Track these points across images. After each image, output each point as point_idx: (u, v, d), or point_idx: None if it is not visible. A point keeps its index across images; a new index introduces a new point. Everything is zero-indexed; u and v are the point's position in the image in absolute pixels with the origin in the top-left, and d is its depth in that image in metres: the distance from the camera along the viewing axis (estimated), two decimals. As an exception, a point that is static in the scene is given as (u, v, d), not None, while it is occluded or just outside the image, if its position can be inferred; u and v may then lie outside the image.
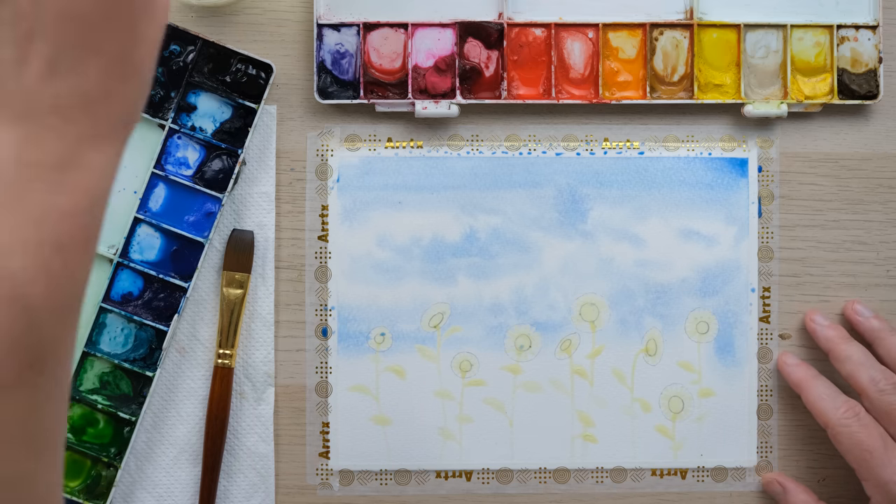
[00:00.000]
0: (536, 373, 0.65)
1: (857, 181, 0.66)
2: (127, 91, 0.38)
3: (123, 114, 0.39)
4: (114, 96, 0.38)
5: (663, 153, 0.66)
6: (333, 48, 0.64)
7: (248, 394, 0.64)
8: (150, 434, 0.64)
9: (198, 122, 0.63)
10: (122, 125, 0.39)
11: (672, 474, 0.65)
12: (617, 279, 0.65)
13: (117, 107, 0.38)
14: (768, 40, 0.65)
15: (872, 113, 0.66)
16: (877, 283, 0.66)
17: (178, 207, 0.63)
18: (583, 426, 0.65)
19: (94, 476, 0.63)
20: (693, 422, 0.65)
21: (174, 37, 0.63)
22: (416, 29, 0.64)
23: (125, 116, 0.39)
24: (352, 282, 0.65)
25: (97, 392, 0.63)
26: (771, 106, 0.64)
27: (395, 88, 0.64)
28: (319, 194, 0.65)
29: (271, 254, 0.64)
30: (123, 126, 0.39)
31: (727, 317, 0.65)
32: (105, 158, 0.38)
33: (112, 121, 0.38)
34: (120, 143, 0.39)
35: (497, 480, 0.65)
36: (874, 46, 0.65)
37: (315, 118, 0.65)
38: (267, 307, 0.64)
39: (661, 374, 0.65)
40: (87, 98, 0.37)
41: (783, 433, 0.66)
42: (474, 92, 0.64)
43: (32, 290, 0.36)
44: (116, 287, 0.63)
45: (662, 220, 0.65)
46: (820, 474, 0.66)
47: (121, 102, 0.38)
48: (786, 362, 0.65)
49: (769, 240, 0.66)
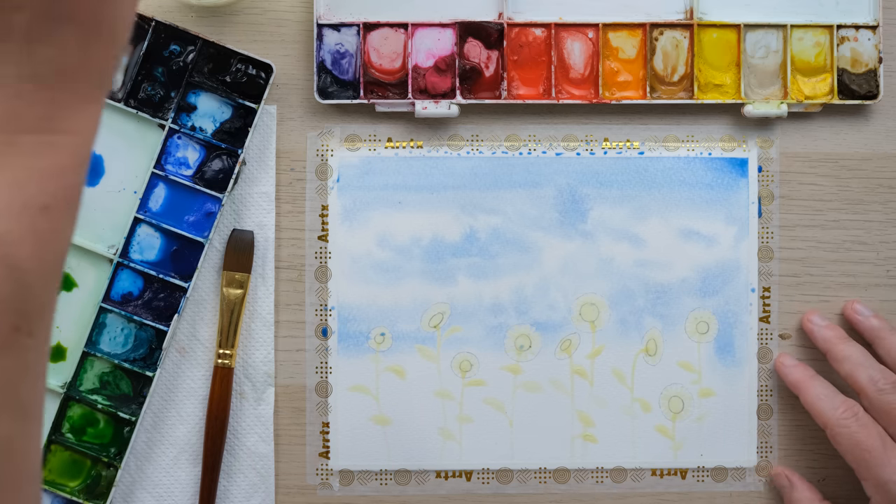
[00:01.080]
0: (536, 373, 0.65)
1: (857, 181, 0.66)
2: (102, 56, 0.39)
3: (100, 77, 0.39)
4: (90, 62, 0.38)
5: (663, 153, 0.66)
6: (333, 48, 0.64)
7: (248, 394, 0.64)
8: (150, 434, 0.64)
9: (198, 122, 0.63)
10: (99, 88, 0.39)
11: (672, 474, 0.66)
12: (617, 279, 0.65)
13: (94, 72, 0.39)
14: (768, 40, 0.65)
15: (872, 113, 0.66)
16: (877, 283, 0.66)
17: (178, 207, 0.63)
18: (583, 426, 0.65)
19: (94, 476, 0.63)
20: (693, 422, 0.65)
21: (174, 37, 0.63)
22: (416, 29, 0.64)
23: (102, 80, 0.39)
24: (352, 282, 0.65)
25: (97, 392, 0.63)
26: (771, 106, 0.64)
27: (395, 88, 0.64)
28: (319, 194, 0.65)
29: (271, 254, 0.64)
30: (100, 88, 0.39)
31: (727, 317, 0.65)
32: (84, 120, 0.39)
33: (90, 85, 0.38)
34: (97, 105, 0.39)
35: (497, 480, 0.65)
36: (874, 46, 0.65)
37: (315, 118, 0.65)
38: (267, 307, 0.64)
39: (661, 374, 0.65)
40: (64, 65, 0.37)
41: (783, 433, 0.66)
42: (474, 92, 0.64)
43: (19, 252, 0.36)
44: (116, 287, 0.63)
45: (662, 220, 0.65)
46: (820, 474, 0.66)
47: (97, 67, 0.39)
48: (783, 363, 0.65)
49: (769, 240, 0.66)
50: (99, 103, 0.39)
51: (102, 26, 0.38)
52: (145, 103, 0.63)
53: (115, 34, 0.39)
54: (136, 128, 0.63)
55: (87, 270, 0.63)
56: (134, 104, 0.63)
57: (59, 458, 0.62)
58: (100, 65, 0.39)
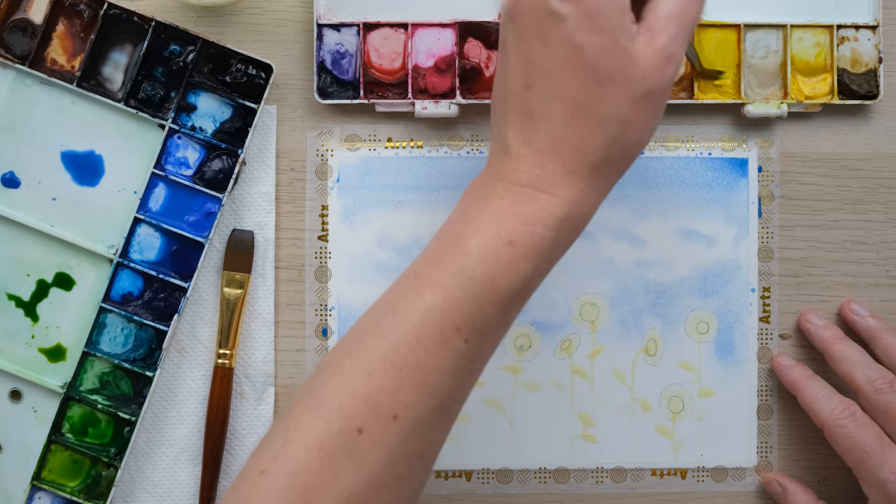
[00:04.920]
0: (536, 373, 0.65)
1: (857, 181, 0.66)
2: (589, 140, 0.49)
3: (587, 156, 0.49)
4: (580, 142, 0.49)
5: (663, 153, 0.66)
6: (333, 48, 0.64)
7: (248, 394, 0.64)
8: (150, 434, 0.64)
9: (198, 122, 0.63)
10: (590, 167, 0.49)
11: (672, 474, 0.66)
12: (617, 279, 0.65)
13: (580, 152, 0.49)
14: (768, 40, 0.65)
15: (872, 113, 0.66)
16: (877, 283, 0.66)
17: (178, 207, 0.63)
18: (583, 426, 0.65)
19: (94, 476, 0.63)
20: (693, 422, 0.65)
21: (174, 37, 0.63)
22: (416, 29, 0.64)
23: (590, 159, 0.49)
24: (352, 282, 0.65)
25: (97, 392, 0.63)
26: (771, 106, 0.64)
27: (395, 88, 0.64)
28: (319, 194, 0.65)
29: (271, 254, 0.64)
30: (591, 168, 0.49)
31: (727, 317, 0.66)
32: (564, 189, 0.49)
33: (577, 162, 0.49)
34: (581, 182, 0.49)
35: (497, 480, 0.65)
36: (874, 46, 0.65)
37: (315, 118, 0.65)
38: (267, 307, 0.64)
39: (661, 374, 0.65)
40: (556, 142, 0.49)
41: (783, 433, 0.66)
42: (474, 92, 0.64)
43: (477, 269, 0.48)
44: (116, 287, 0.63)
45: (662, 220, 0.65)
46: (820, 474, 0.66)
47: (583, 149, 0.49)
48: (781, 363, 0.65)
49: (769, 240, 0.66)
50: (582, 181, 0.49)
51: (590, 115, 0.48)
52: (145, 103, 0.63)
53: (603, 125, 0.48)
54: (136, 128, 0.63)
55: (87, 270, 0.63)
56: (134, 104, 0.63)
57: (59, 458, 0.63)
58: (588, 146, 0.49)
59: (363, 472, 0.47)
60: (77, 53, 0.63)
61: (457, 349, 0.48)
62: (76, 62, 0.63)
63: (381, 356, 0.48)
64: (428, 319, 0.48)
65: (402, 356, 0.48)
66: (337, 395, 0.48)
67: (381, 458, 0.47)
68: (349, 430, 0.47)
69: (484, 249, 0.48)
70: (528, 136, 0.49)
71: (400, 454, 0.47)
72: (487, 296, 0.48)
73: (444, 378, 0.48)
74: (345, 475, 0.46)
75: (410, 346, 0.48)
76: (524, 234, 0.48)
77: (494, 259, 0.48)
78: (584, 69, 0.48)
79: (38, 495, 0.62)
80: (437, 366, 0.48)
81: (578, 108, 0.48)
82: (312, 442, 0.47)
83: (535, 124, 0.49)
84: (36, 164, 0.63)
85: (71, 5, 0.63)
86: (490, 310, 0.48)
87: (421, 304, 0.48)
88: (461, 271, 0.48)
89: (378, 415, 0.47)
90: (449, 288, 0.48)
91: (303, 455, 0.47)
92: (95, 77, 0.63)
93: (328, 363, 0.50)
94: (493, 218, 0.49)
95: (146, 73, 0.63)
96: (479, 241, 0.48)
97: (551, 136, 0.49)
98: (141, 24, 0.62)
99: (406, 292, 0.49)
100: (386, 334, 0.48)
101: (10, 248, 0.63)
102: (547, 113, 0.49)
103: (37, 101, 0.63)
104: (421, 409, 0.48)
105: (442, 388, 0.48)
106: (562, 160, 0.49)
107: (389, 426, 0.47)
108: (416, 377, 0.47)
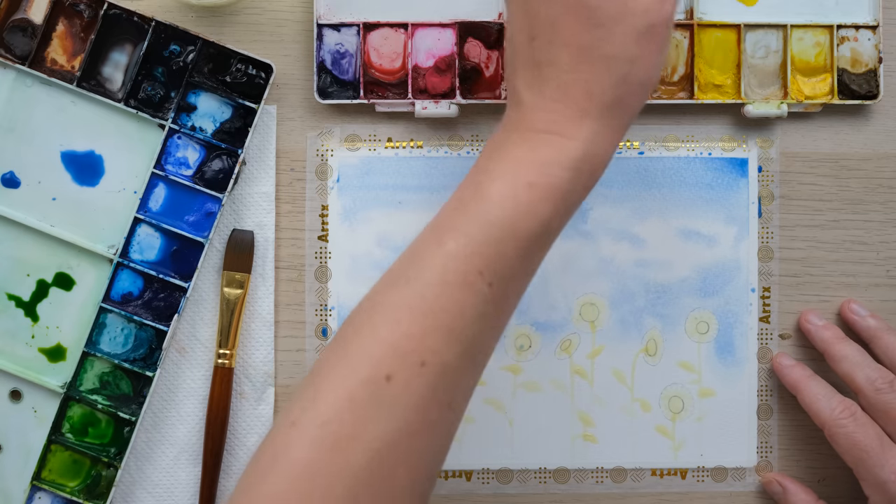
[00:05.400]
0: (536, 373, 0.65)
1: (857, 181, 0.66)
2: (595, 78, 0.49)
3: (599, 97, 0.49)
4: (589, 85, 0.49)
5: (663, 153, 0.66)
6: (333, 48, 0.64)
7: (248, 394, 0.64)
8: (150, 434, 0.64)
9: (198, 122, 0.63)
10: (602, 107, 0.49)
11: (672, 474, 0.66)
12: (617, 279, 0.65)
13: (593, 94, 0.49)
14: (768, 40, 0.65)
15: (872, 113, 0.66)
16: (877, 283, 0.66)
17: (178, 207, 0.63)
18: (583, 426, 0.65)
19: (94, 476, 0.63)
20: (693, 422, 0.65)
21: (174, 37, 0.63)
22: (416, 29, 0.64)
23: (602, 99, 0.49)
24: (352, 282, 0.65)
25: (97, 392, 0.63)
26: (771, 106, 0.64)
27: (395, 88, 0.64)
28: (319, 194, 0.65)
29: (271, 254, 0.64)
30: (604, 108, 0.49)
31: (727, 317, 0.65)
32: (577, 130, 0.49)
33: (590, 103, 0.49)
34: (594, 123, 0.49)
35: (497, 480, 0.65)
36: (874, 46, 0.65)
37: (315, 118, 0.65)
38: (267, 307, 0.64)
39: (661, 374, 0.65)
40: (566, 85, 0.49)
41: (783, 433, 0.66)
42: (474, 92, 0.64)
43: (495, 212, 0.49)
44: (116, 287, 0.63)
45: (662, 220, 0.65)
46: (820, 474, 0.66)
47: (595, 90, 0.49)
48: (781, 363, 0.65)
49: (769, 240, 0.66)
50: (595, 122, 0.49)
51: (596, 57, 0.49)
52: (145, 103, 0.63)
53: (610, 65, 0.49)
54: (136, 128, 0.63)
55: (87, 270, 0.63)
56: (134, 104, 0.63)
57: (59, 458, 0.63)
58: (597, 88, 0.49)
59: (393, 420, 0.47)
60: (77, 53, 0.63)
61: (481, 294, 0.48)
62: (76, 62, 0.63)
63: (406, 304, 0.48)
64: (451, 266, 0.48)
65: (427, 302, 0.48)
66: (365, 345, 0.48)
67: (411, 406, 0.47)
68: (377, 378, 0.47)
69: (503, 193, 0.48)
70: (539, 86, 0.50)
71: (429, 401, 0.47)
72: (509, 240, 0.48)
73: (470, 323, 0.48)
74: (374, 424, 0.46)
75: (435, 292, 0.48)
76: (542, 176, 0.49)
77: (514, 202, 0.48)
78: (585, 13, 0.49)
79: (38, 495, 0.62)
80: (462, 311, 0.48)
81: (584, 52, 0.49)
82: (342, 392, 0.47)
83: (543, 73, 0.50)
84: (36, 164, 0.63)
85: (71, 5, 0.63)
86: (512, 254, 0.48)
87: (443, 250, 0.48)
88: (482, 216, 0.48)
89: (406, 362, 0.47)
90: (470, 233, 0.48)
91: (332, 406, 0.47)
92: (95, 77, 0.63)
93: (355, 315, 0.50)
94: (511, 165, 0.49)
95: (146, 73, 0.63)
96: (498, 187, 0.49)
97: (561, 83, 0.49)
98: (141, 24, 0.62)
99: (428, 242, 0.50)
100: (410, 282, 0.48)
101: (10, 248, 0.63)
102: (554, 61, 0.49)
103: (37, 101, 0.63)
104: (448, 355, 0.48)
105: (468, 333, 0.48)
106: (574, 103, 0.49)
107: (417, 373, 0.47)
108: (442, 323, 0.48)
